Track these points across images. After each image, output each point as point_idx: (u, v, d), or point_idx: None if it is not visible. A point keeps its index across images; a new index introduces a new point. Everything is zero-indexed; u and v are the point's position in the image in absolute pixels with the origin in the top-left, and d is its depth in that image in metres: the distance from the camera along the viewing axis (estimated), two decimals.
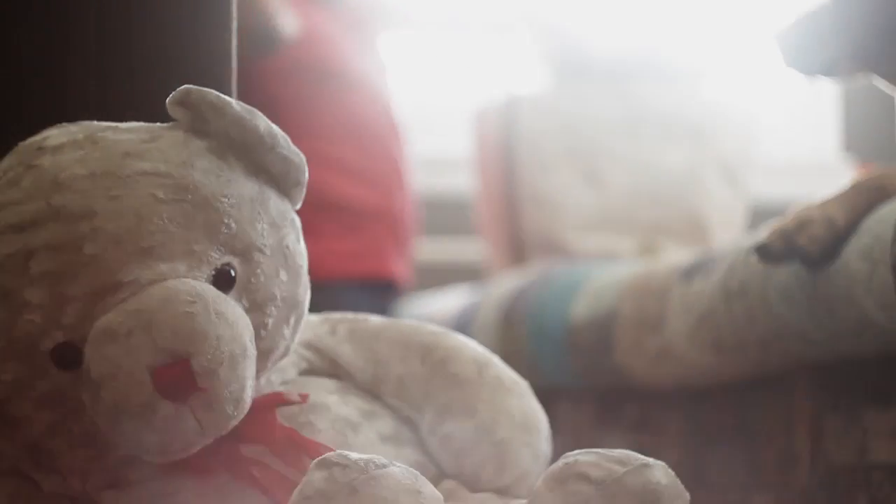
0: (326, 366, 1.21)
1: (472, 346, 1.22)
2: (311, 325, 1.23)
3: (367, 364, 1.21)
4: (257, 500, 1.09)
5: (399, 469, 0.99)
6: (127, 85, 1.25)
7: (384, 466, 0.98)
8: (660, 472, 1.01)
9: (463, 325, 2.33)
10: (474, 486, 1.17)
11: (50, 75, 1.25)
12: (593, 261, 2.34)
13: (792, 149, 3.24)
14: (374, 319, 1.24)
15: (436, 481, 1.16)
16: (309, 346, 1.21)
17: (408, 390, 1.20)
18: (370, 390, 1.21)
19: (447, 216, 3.04)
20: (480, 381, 1.19)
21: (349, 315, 1.25)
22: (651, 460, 1.02)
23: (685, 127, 2.67)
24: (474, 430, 1.18)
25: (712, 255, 1.77)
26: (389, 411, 1.20)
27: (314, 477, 0.98)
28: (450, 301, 2.54)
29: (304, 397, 1.14)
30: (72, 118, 1.14)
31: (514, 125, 2.63)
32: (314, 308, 1.19)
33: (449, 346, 1.21)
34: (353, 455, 0.99)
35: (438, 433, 1.18)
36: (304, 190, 1.15)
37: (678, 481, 1.02)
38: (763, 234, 1.50)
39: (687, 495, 1.02)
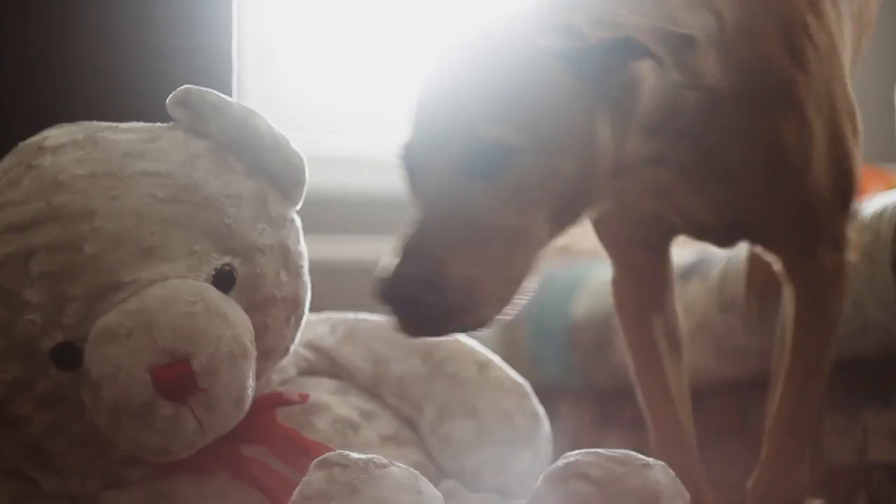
0: (327, 365, 1.21)
1: (472, 347, 1.22)
2: (312, 324, 1.23)
3: (368, 364, 1.21)
4: (258, 500, 1.09)
5: (399, 469, 0.99)
6: (127, 85, 1.25)
7: (384, 466, 0.98)
8: (660, 472, 1.01)
9: None
10: (475, 486, 1.17)
11: (50, 75, 1.25)
12: (593, 259, 2.33)
13: None
14: (375, 319, 1.24)
15: (436, 481, 1.16)
16: (309, 346, 1.21)
17: (408, 390, 1.20)
18: (370, 390, 1.20)
19: None
20: (481, 381, 1.19)
21: (349, 315, 1.25)
22: (651, 460, 1.02)
23: None
24: (474, 430, 1.17)
25: (707, 256, 1.77)
26: (390, 411, 1.20)
27: (314, 477, 0.98)
28: None
29: (303, 397, 1.13)
30: (72, 118, 1.14)
31: None
32: None
33: (450, 347, 1.21)
34: (354, 455, 0.99)
35: (438, 433, 1.18)
36: (305, 189, 1.15)
37: (678, 481, 1.02)
38: None
39: (687, 495, 1.02)
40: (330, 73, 2.98)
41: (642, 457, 1.02)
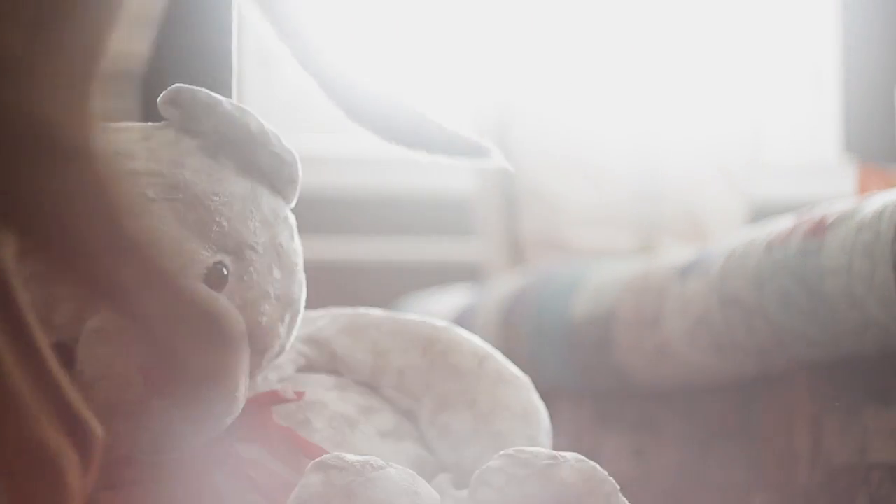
0: (326, 360, 1.21)
1: (473, 340, 1.22)
2: (311, 318, 1.22)
3: (367, 355, 1.20)
4: (254, 500, 1.09)
5: (396, 471, 0.99)
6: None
7: (381, 468, 0.98)
8: (567, 469, 1.00)
9: (463, 325, 2.33)
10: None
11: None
12: (593, 259, 2.33)
13: (792, 149, 3.24)
14: (375, 312, 1.24)
15: (435, 474, 1.16)
16: (308, 340, 1.21)
17: (408, 381, 1.19)
18: (369, 383, 1.20)
19: (447, 216, 3.03)
20: (480, 373, 1.19)
21: (348, 309, 1.25)
22: (562, 456, 1.01)
23: (684, 125, 2.67)
24: (473, 421, 1.17)
25: (707, 253, 1.77)
26: (389, 405, 1.19)
27: (311, 480, 0.98)
28: (450, 301, 2.53)
29: (299, 395, 1.13)
30: None
31: (512, 123, 2.62)
32: None
33: (450, 339, 1.21)
34: (350, 457, 0.98)
35: (437, 423, 1.18)
36: (298, 187, 1.15)
37: (595, 473, 1.00)
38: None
39: (610, 483, 1.00)
40: None
41: (551, 455, 1.01)
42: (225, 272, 1.08)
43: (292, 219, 1.15)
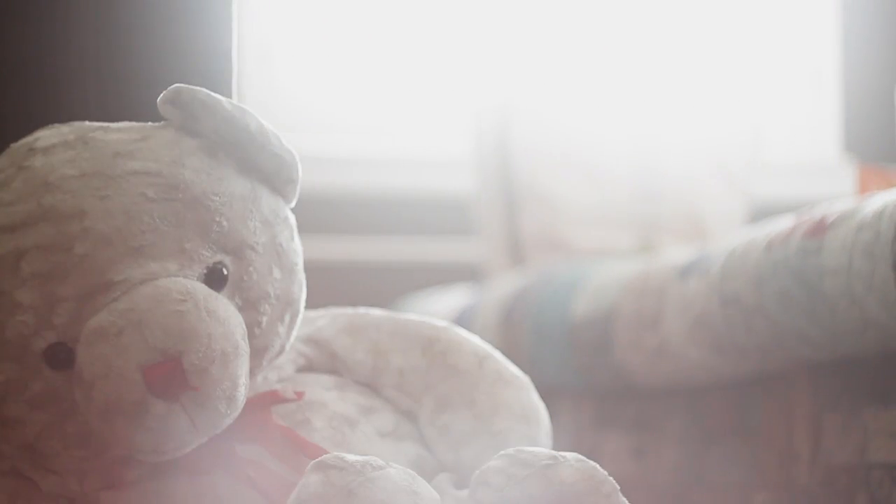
0: (326, 360, 1.21)
1: (473, 340, 1.22)
2: (311, 318, 1.23)
3: (367, 355, 1.20)
4: (254, 500, 1.09)
5: (396, 471, 0.99)
6: (127, 85, 1.25)
7: (381, 468, 0.98)
8: (567, 469, 1.00)
9: (463, 325, 2.33)
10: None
11: (50, 75, 1.25)
12: (593, 258, 2.33)
13: (792, 149, 3.24)
14: (375, 312, 1.24)
15: (435, 474, 1.16)
16: (308, 340, 1.21)
17: (407, 381, 1.19)
18: (369, 383, 1.20)
19: (447, 216, 3.04)
20: (480, 372, 1.19)
21: (349, 309, 1.25)
22: (563, 456, 1.01)
23: (684, 125, 2.67)
24: (473, 421, 1.17)
25: (707, 253, 1.77)
26: (389, 405, 1.19)
27: (310, 480, 0.98)
28: (450, 301, 2.53)
29: (299, 395, 1.13)
30: (72, 118, 1.14)
31: (512, 123, 2.63)
32: None
33: (450, 339, 1.21)
34: (350, 457, 0.98)
35: (437, 423, 1.18)
36: (298, 187, 1.15)
37: (595, 473, 1.00)
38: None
39: (610, 483, 1.00)
40: (329, 73, 2.99)
41: (551, 455, 1.01)
42: (225, 272, 1.08)
43: (292, 219, 1.15)
